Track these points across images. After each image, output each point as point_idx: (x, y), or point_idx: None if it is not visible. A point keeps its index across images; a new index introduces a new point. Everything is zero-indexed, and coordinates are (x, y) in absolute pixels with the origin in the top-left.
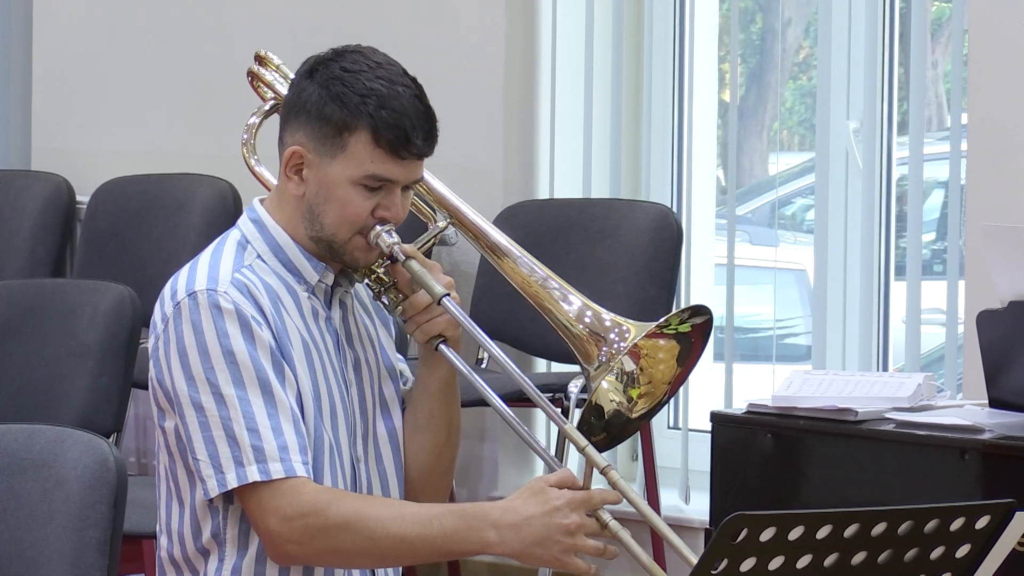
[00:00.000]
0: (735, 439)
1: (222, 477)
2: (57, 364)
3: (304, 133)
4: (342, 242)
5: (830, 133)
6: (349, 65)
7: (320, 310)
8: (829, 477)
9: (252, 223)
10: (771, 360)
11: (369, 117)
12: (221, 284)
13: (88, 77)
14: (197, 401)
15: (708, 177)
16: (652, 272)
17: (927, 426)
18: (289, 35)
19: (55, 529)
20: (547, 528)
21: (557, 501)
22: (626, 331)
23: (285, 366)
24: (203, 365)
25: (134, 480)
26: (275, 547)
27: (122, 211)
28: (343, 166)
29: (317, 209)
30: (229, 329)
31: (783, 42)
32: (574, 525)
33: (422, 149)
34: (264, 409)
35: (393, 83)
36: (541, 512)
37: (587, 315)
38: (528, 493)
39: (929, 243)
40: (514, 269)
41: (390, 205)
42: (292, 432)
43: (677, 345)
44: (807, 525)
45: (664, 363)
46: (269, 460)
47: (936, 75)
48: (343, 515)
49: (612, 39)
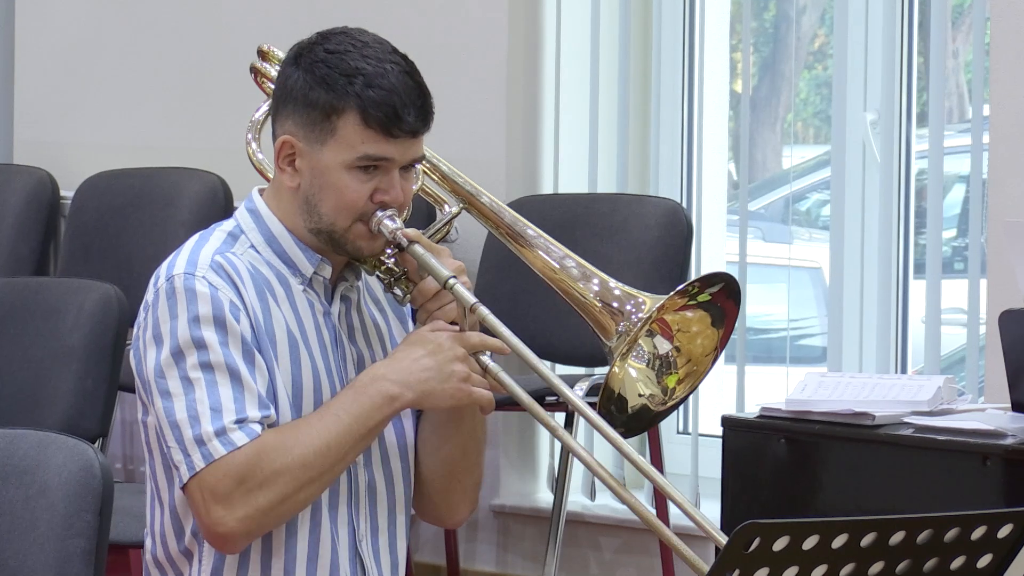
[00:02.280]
0: (747, 444)
1: (190, 460)
2: (40, 366)
3: (293, 121)
4: (342, 231)
5: (846, 125)
6: (334, 47)
7: (318, 304)
8: (845, 484)
9: (249, 213)
10: (785, 362)
11: (356, 97)
12: (200, 268)
13: (73, 67)
14: (164, 388)
15: (719, 171)
16: (661, 270)
17: (947, 431)
18: (284, 24)
19: (38, 538)
20: (438, 361)
21: (438, 338)
22: (642, 303)
23: (257, 354)
24: (171, 349)
25: (120, 487)
26: (217, 535)
27: (108, 207)
28: (335, 151)
29: (313, 199)
30: (201, 312)
31: (797, 30)
32: (462, 354)
33: (415, 126)
34: (231, 393)
35: (380, 61)
36: (426, 351)
37: (605, 288)
38: (405, 344)
39: (949, 240)
40: (532, 252)
41: (388, 187)
42: (256, 411)
43: (707, 314)
44: (822, 534)
45: (701, 335)
46: (230, 432)
47: (957, 64)
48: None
49: (619, 27)
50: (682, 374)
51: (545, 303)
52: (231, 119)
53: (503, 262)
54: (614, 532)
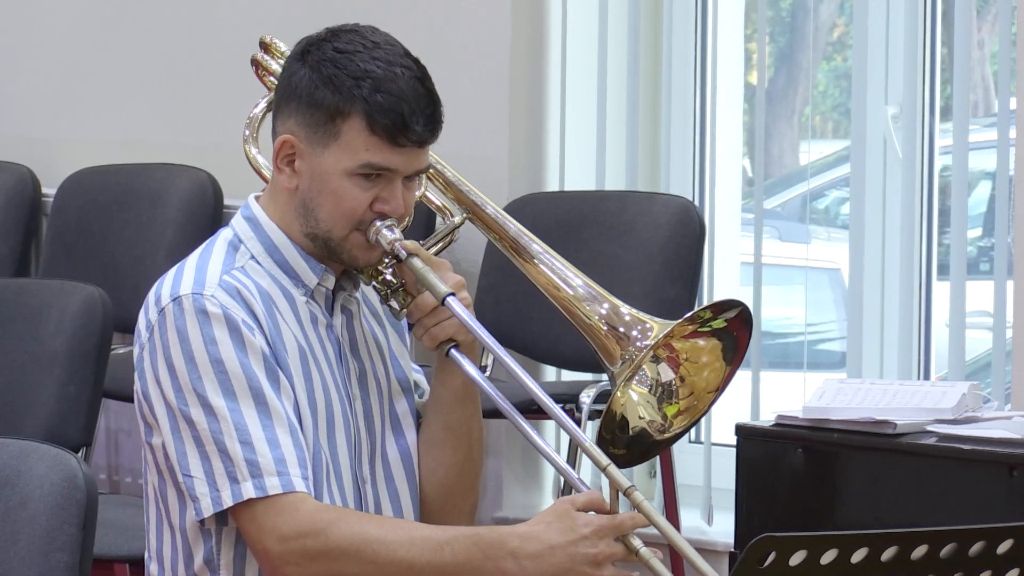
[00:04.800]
0: (762, 454)
1: (217, 495)
2: (21, 372)
3: (295, 120)
4: (339, 239)
5: (867, 119)
6: (343, 46)
7: (320, 316)
8: (865, 495)
9: (246, 221)
10: (802, 368)
11: (363, 101)
12: (208, 287)
13: (55, 58)
14: (186, 415)
15: (733, 168)
16: (672, 271)
17: (972, 440)
18: (278, 10)
19: (19, 552)
20: (572, 559)
21: (585, 529)
22: (649, 328)
23: (280, 373)
24: (190, 375)
25: (105, 499)
26: (272, 569)
27: (92, 204)
28: (337, 156)
29: (311, 203)
30: (217, 335)
31: (816, 19)
32: (603, 555)
33: (422, 136)
34: (258, 420)
35: (391, 64)
36: (567, 541)
37: (613, 311)
38: (552, 517)
39: (975, 239)
40: (536, 268)
41: (389, 197)
42: (290, 443)
43: (719, 343)
44: (841, 548)
45: (708, 368)
46: (265, 475)
47: (982, 56)
48: (346, 537)
49: (628, 15)
50: (683, 406)
51: (549, 307)
52: (221, 113)
53: (506, 263)
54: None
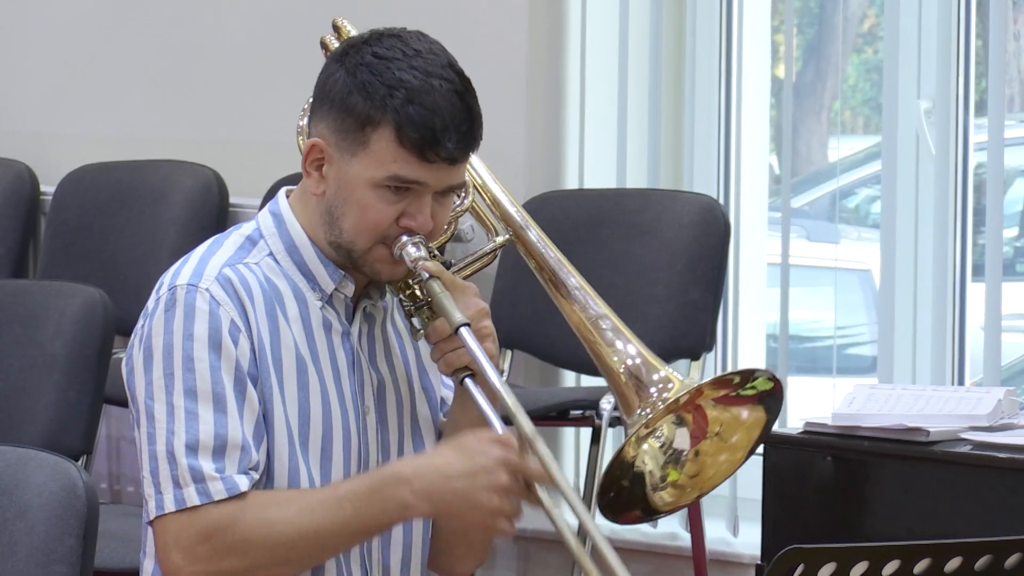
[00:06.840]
0: (790, 463)
1: (160, 498)
2: (19, 377)
3: (327, 124)
4: (361, 251)
5: (898, 114)
6: (382, 51)
7: (336, 323)
8: (896, 505)
9: (271, 216)
10: (831, 373)
11: (394, 112)
12: (205, 279)
13: (53, 51)
14: (150, 410)
15: (760, 164)
16: (696, 272)
17: (1008, 448)
18: (287, 8)
19: (17, 564)
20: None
21: (481, 459)
22: (670, 386)
23: (249, 386)
24: (163, 369)
25: (106, 509)
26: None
27: (92, 203)
28: (364, 165)
29: (336, 211)
30: (196, 331)
31: (845, 10)
32: (503, 484)
33: (453, 154)
34: (212, 429)
35: (429, 75)
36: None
37: (640, 363)
38: (445, 448)
39: (1011, 239)
40: (570, 307)
41: (416, 213)
42: (235, 466)
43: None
44: (872, 560)
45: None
46: (209, 481)
47: (1018, 48)
48: (249, 527)
49: (650, 6)
50: (682, 479)
51: None
52: (226, 107)
53: (522, 263)
54: (644, 558)
